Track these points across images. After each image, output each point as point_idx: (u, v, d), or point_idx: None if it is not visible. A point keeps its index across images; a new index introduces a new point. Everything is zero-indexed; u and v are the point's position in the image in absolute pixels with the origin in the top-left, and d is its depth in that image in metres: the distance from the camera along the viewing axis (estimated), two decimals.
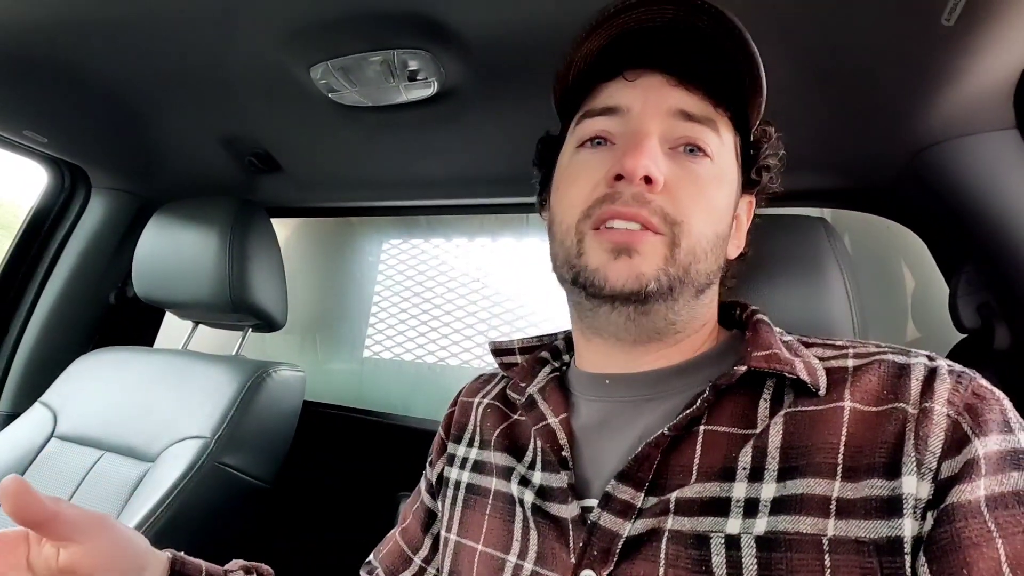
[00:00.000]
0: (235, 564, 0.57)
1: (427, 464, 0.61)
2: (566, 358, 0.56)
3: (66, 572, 0.38)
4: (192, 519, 0.85)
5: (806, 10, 0.57)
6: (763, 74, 0.43)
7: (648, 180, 0.41)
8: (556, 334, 0.58)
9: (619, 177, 0.42)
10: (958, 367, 0.37)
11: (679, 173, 0.43)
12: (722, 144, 0.45)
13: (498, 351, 0.58)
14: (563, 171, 0.48)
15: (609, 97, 0.46)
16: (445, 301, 1.51)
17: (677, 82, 0.44)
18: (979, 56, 0.57)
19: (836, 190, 0.86)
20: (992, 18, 0.53)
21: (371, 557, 0.62)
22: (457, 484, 0.53)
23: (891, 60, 0.60)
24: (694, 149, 0.44)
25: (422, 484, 0.60)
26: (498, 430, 0.52)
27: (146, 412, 0.97)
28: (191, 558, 0.50)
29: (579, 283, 0.44)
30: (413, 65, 0.74)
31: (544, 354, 0.55)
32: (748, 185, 0.50)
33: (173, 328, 1.34)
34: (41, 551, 0.39)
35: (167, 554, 0.48)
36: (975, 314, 0.72)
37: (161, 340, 1.44)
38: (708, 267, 0.44)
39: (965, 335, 0.75)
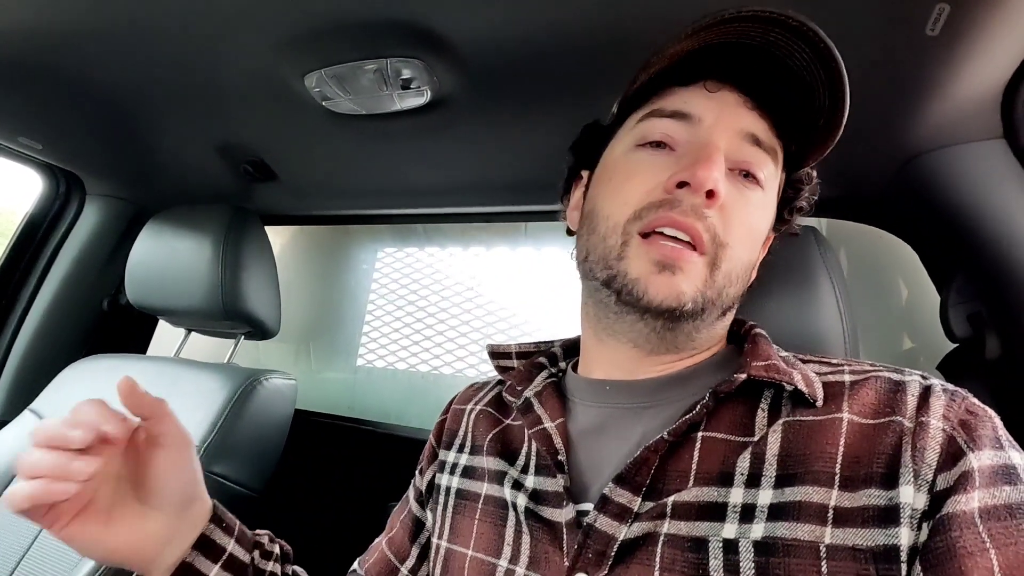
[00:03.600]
0: (263, 534, 0.57)
1: (416, 472, 0.60)
2: (563, 365, 0.56)
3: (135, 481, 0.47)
4: None
5: None
6: (844, 123, 0.43)
7: (710, 194, 0.41)
8: (553, 341, 0.58)
9: (681, 185, 0.41)
10: (950, 386, 0.38)
11: (735, 195, 0.43)
12: (775, 176, 0.46)
13: (495, 354, 0.58)
14: (615, 165, 0.47)
15: (683, 103, 0.45)
16: (439, 310, 1.51)
17: (753, 105, 0.44)
18: (964, 66, 0.57)
19: (825, 200, 0.85)
20: (976, 28, 0.53)
21: (355, 565, 0.61)
22: (447, 490, 0.53)
23: (877, 70, 0.60)
24: (748, 175, 0.44)
25: (411, 493, 0.60)
26: (490, 435, 0.52)
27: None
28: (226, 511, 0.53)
29: (613, 288, 0.43)
30: (406, 73, 0.74)
31: (541, 359, 0.55)
32: (777, 222, 0.50)
33: (167, 336, 1.33)
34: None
35: (210, 500, 0.51)
36: (966, 323, 0.72)
37: (155, 348, 1.43)
38: (737, 291, 0.45)
39: (956, 344, 0.75)
